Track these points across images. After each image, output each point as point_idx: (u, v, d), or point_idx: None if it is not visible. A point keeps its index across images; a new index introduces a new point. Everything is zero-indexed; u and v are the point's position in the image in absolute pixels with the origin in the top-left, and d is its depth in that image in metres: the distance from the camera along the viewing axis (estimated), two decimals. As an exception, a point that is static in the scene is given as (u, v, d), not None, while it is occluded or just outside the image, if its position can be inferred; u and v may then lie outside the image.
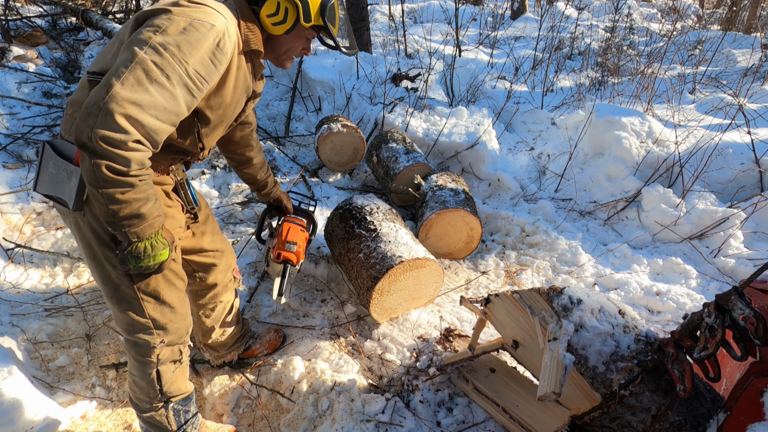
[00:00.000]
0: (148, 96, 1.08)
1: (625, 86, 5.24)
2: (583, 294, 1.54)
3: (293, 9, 1.38)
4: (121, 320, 1.46)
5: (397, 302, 2.28)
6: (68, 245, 3.17)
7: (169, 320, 1.50)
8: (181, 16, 1.14)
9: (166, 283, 1.46)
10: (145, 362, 1.54)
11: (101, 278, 1.42)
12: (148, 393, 1.61)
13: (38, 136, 4.30)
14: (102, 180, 1.07)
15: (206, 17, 1.17)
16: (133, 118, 1.06)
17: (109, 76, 1.06)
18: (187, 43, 1.12)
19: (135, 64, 1.06)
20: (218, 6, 1.24)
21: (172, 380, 1.63)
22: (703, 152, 3.27)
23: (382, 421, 1.83)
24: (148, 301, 1.43)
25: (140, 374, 1.57)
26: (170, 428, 1.68)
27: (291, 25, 1.40)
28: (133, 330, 1.47)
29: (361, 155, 3.88)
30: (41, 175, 1.32)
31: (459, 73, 5.48)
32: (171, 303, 1.48)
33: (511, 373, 1.98)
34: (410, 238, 2.34)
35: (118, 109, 1.03)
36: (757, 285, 1.53)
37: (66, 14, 6.99)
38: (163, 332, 1.50)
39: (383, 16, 9.77)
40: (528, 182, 3.81)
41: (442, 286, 2.39)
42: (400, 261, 2.10)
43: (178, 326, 1.54)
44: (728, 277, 2.72)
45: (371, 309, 2.19)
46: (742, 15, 9.80)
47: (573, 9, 10.24)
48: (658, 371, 1.43)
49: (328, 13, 1.42)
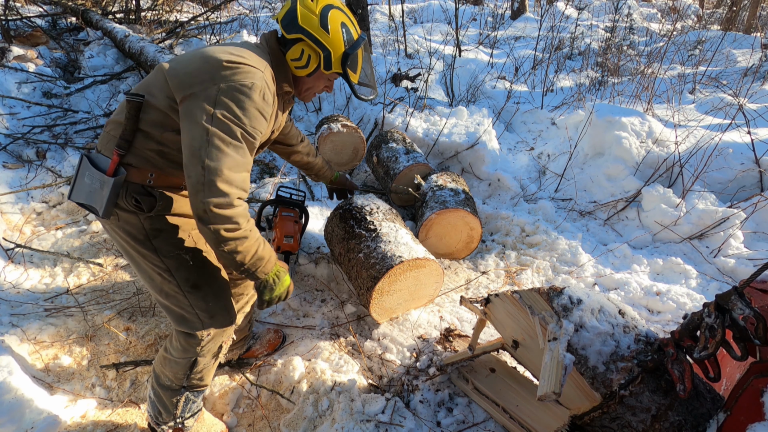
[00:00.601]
0: (230, 159, 1.28)
1: (625, 86, 5.24)
2: (583, 294, 1.54)
3: (316, 56, 1.49)
4: (170, 313, 1.56)
5: (397, 302, 2.28)
6: (68, 245, 3.17)
7: (214, 313, 1.57)
8: (228, 84, 1.29)
9: (206, 274, 1.55)
10: (189, 349, 1.60)
11: (144, 275, 1.54)
12: (176, 374, 1.66)
13: (38, 136, 4.30)
14: (223, 241, 1.29)
15: (247, 78, 1.31)
16: (228, 180, 1.26)
17: (195, 156, 1.26)
18: (240, 108, 1.29)
19: (210, 137, 1.26)
20: (255, 60, 1.37)
21: (202, 372, 1.70)
22: (703, 152, 3.27)
23: (382, 421, 1.83)
24: (191, 293, 1.52)
25: (178, 356, 1.63)
26: (174, 413, 1.73)
27: (312, 70, 1.51)
28: (182, 322, 1.55)
29: (361, 155, 3.88)
30: (77, 184, 1.45)
31: (459, 73, 5.48)
32: (214, 294, 1.57)
33: (511, 373, 1.98)
34: (410, 238, 2.34)
35: (216, 179, 1.24)
36: (757, 285, 1.53)
37: (66, 14, 6.98)
38: (209, 323, 1.57)
39: (383, 16, 9.76)
40: (528, 182, 3.81)
41: (442, 286, 2.39)
42: (400, 261, 2.10)
43: (223, 319, 1.61)
44: (728, 277, 2.72)
45: (371, 309, 2.19)
46: (742, 15, 9.80)
47: (573, 9, 10.24)
48: (658, 371, 1.43)
49: (350, 61, 1.52)
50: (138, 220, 1.44)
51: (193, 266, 1.52)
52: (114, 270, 2.94)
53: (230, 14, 8.41)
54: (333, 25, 1.46)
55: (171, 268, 1.48)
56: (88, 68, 5.58)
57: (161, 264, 1.49)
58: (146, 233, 1.45)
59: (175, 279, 1.50)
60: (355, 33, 1.53)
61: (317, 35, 1.46)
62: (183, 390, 1.71)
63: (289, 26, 1.47)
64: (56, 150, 4.20)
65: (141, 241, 1.46)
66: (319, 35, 1.46)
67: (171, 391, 1.71)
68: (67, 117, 4.70)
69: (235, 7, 9.49)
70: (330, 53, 1.48)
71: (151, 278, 1.53)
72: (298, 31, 1.46)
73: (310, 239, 3.00)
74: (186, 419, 1.80)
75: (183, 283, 1.51)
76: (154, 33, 6.37)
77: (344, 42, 1.49)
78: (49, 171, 3.91)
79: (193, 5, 9.53)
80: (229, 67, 1.31)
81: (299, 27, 1.45)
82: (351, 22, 1.53)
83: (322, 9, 1.45)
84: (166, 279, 1.50)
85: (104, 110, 4.84)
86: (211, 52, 1.36)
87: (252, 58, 1.37)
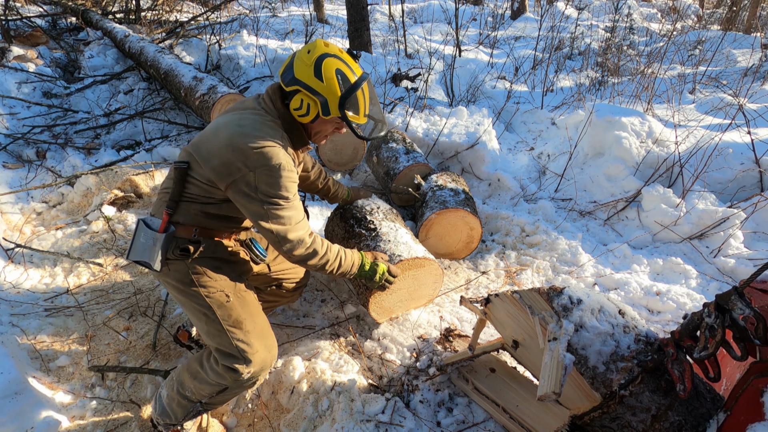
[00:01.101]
0: (287, 218, 1.57)
1: (625, 86, 5.24)
2: (583, 294, 1.54)
3: (314, 104, 1.59)
4: (215, 352, 1.71)
5: (397, 302, 2.28)
6: (68, 245, 3.18)
7: (255, 351, 1.70)
8: (260, 169, 1.50)
9: (246, 312, 1.72)
10: (225, 377, 1.69)
11: (193, 317, 1.72)
12: (201, 390, 1.74)
13: (38, 136, 4.30)
14: (314, 267, 1.71)
15: (272, 159, 1.51)
16: (293, 231, 1.60)
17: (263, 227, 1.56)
18: (275, 185, 1.53)
19: (267, 210, 1.54)
20: (271, 137, 1.54)
21: (226, 398, 1.80)
22: (703, 152, 3.27)
23: (382, 421, 1.83)
24: (232, 331, 1.67)
25: (212, 378, 1.71)
26: (180, 420, 1.81)
27: (313, 117, 1.62)
28: (226, 357, 1.68)
29: (361, 155, 3.88)
30: (133, 245, 1.65)
31: (459, 73, 5.47)
32: (254, 332, 1.72)
33: (511, 373, 1.98)
34: (410, 237, 2.34)
35: (286, 235, 1.58)
36: (757, 285, 1.53)
37: (66, 14, 6.99)
38: (251, 360, 1.69)
39: (383, 16, 9.76)
40: (528, 182, 3.81)
41: (441, 287, 2.39)
42: (399, 260, 2.10)
43: (264, 357, 1.74)
44: (728, 277, 2.72)
45: (370, 308, 2.19)
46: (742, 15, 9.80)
47: (573, 9, 10.23)
48: (658, 371, 1.43)
49: (349, 104, 1.60)
50: (184, 265, 1.64)
51: (233, 305, 1.69)
52: (114, 270, 2.94)
53: (230, 14, 8.41)
54: (327, 73, 1.55)
55: (213, 306, 1.66)
56: (88, 68, 5.58)
57: (205, 303, 1.66)
58: (191, 277, 1.65)
59: (217, 317, 1.67)
60: (352, 76, 1.60)
61: (312, 85, 1.56)
62: (199, 405, 1.79)
63: (287, 79, 1.60)
64: (56, 150, 4.21)
65: (187, 284, 1.65)
66: (314, 84, 1.56)
67: (187, 401, 1.77)
68: (67, 117, 4.70)
69: (235, 7, 9.50)
70: (326, 100, 1.58)
71: (198, 319, 1.70)
72: (295, 83, 1.58)
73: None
74: (185, 422, 1.84)
75: (225, 320, 1.67)
76: (154, 33, 6.37)
77: (340, 87, 1.57)
78: (49, 171, 3.91)
79: (193, 5, 9.53)
80: (256, 153, 1.50)
81: (296, 79, 1.57)
82: (348, 67, 1.60)
83: (317, 59, 1.55)
84: (210, 318, 1.67)
85: (104, 110, 4.84)
86: (237, 140, 1.51)
87: (269, 134, 1.54)
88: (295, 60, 1.59)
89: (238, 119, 1.59)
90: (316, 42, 1.60)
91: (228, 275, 1.72)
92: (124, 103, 4.96)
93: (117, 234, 3.26)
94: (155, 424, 1.88)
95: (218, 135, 1.57)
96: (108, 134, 4.54)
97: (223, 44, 6.18)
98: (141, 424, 1.98)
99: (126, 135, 4.58)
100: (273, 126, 1.59)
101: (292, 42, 6.93)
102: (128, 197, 3.60)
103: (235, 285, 1.74)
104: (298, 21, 9.01)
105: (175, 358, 2.30)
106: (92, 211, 3.44)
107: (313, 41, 1.62)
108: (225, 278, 1.71)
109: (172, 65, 4.50)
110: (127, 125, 4.64)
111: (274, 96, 1.64)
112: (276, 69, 5.52)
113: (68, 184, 3.66)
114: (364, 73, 1.64)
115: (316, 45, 1.59)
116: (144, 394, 2.11)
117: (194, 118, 4.80)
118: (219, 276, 1.69)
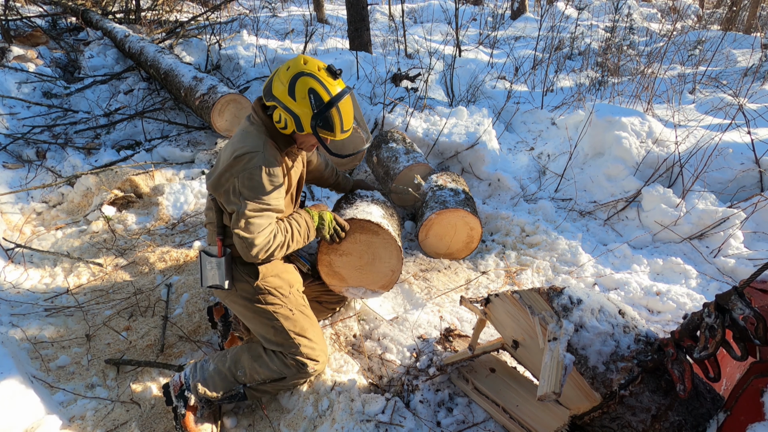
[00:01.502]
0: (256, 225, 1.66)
1: (625, 86, 5.24)
2: (583, 294, 1.54)
3: (291, 120, 1.67)
4: (285, 358, 1.85)
5: (349, 268, 2.17)
6: (68, 245, 3.18)
7: (320, 353, 1.90)
8: (241, 173, 1.62)
9: (309, 323, 1.91)
10: (290, 370, 1.85)
11: (261, 329, 1.86)
12: (256, 374, 1.86)
13: (38, 136, 4.30)
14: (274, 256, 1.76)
15: (251, 162, 1.62)
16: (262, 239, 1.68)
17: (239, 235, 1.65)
18: (254, 187, 1.63)
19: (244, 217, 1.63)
20: (252, 144, 1.65)
21: (273, 390, 1.93)
22: (703, 152, 3.27)
23: (382, 421, 1.83)
24: (300, 340, 1.85)
25: (276, 365, 1.85)
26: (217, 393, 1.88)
27: (291, 131, 1.72)
28: (292, 359, 1.85)
29: (361, 155, 3.88)
30: (203, 274, 1.83)
31: (459, 73, 5.47)
32: (316, 337, 1.91)
33: (511, 373, 1.98)
34: (379, 212, 2.25)
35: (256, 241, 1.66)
36: (757, 285, 1.53)
37: (66, 14, 6.99)
38: (318, 362, 1.89)
39: (383, 16, 9.76)
40: (528, 182, 3.81)
41: (400, 273, 2.23)
42: (352, 218, 2.07)
43: (325, 359, 1.95)
44: (728, 277, 2.72)
45: (320, 266, 2.13)
46: (742, 15, 9.79)
47: (573, 9, 10.23)
48: (658, 371, 1.43)
49: (322, 122, 1.67)
50: (250, 286, 1.80)
51: (298, 316, 1.87)
52: (114, 270, 2.94)
53: (230, 14, 8.41)
54: (300, 92, 1.63)
55: (281, 319, 1.83)
56: (88, 68, 5.58)
57: (272, 317, 1.82)
58: (258, 296, 1.82)
59: (285, 329, 1.83)
60: (326, 95, 1.64)
61: (286, 103, 1.65)
62: (241, 388, 1.88)
63: (266, 95, 1.71)
64: (56, 150, 4.21)
65: (255, 302, 1.82)
66: (288, 103, 1.65)
67: (234, 380, 1.86)
68: (67, 117, 4.70)
69: (235, 7, 9.50)
70: (299, 117, 1.66)
71: (266, 331, 1.85)
72: (273, 99, 1.68)
73: (310, 239, 3.00)
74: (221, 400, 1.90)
75: (292, 330, 1.84)
76: (154, 33, 6.37)
77: (312, 106, 1.64)
78: (49, 171, 3.91)
79: (193, 5, 9.53)
80: (237, 160, 1.63)
81: (273, 96, 1.67)
82: (323, 86, 1.64)
83: (292, 78, 1.63)
84: (278, 329, 1.83)
85: (104, 110, 4.84)
86: (227, 157, 1.67)
87: (250, 142, 1.66)
88: (275, 76, 1.68)
89: (231, 141, 1.73)
90: (296, 58, 1.67)
91: (288, 289, 1.88)
92: (124, 103, 4.96)
93: (117, 234, 3.26)
94: (180, 393, 1.89)
95: (219, 161, 1.73)
96: (108, 134, 4.54)
97: (223, 44, 6.18)
98: (141, 424, 1.98)
99: (126, 135, 4.58)
100: (256, 134, 1.70)
101: (292, 42, 6.94)
102: (128, 197, 3.60)
103: (296, 299, 1.90)
104: (298, 21, 9.01)
105: (176, 358, 2.30)
106: (92, 211, 3.44)
107: (295, 57, 1.69)
108: (287, 293, 1.87)
109: (172, 65, 4.50)
110: (127, 125, 4.64)
111: (257, 107, 1.75)
112: (274, 68, 5.52)
113: (68, 184, 3.66)
114: (342, 90, 1.68)
115: (295, 62, 1.66)
116: (144, 394, 2.11)
117: (194, 118, 4.80)
118: (281, 292, 1.85)
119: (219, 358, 1.93)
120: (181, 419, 1.86)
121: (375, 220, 2.11)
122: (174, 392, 1.90)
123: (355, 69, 5.24)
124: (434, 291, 2.67)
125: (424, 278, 2.77)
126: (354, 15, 5.57)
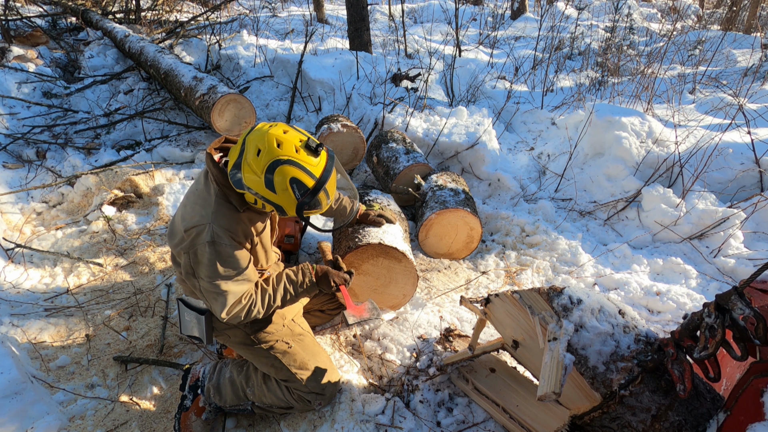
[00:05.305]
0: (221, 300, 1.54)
1: (625, 86, 5.24)
2: (583, 294, 1.53)
3: (270, 206, 1.50)
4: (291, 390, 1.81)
5: (364, 287, 2.26)
6: (68, 245, 3.17)
7: (325, 387, 1.82)
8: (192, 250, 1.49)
9: (309, 354, 1.83)
10: (296, 403, 1.81)
11: (263, 367, 1.82)
12: (263, 396, 1.82)
13: (38, 136, 4.30)
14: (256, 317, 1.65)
15: (198, 238, 1.47)
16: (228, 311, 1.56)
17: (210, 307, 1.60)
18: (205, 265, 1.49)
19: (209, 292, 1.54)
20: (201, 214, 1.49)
21: (278, 412, 1.88)
22: (703, 152, 3.27)
23: (382, 422, 1.83)
24: (301, 375, 1.79)
25: (284, 395, 1.81)
26: (225, 404, 1.88)
27: (270, 211, 1.60)
28: (299, 401, 1.82)
29: (361, 155, 3.88)
30: (182, 322, 1.77)
31: (459, 73, 5.47)
32: (319, 369, 1.82)
33: (511, 373, 1.98)
34: (402, 236, 2.35)
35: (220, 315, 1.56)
36: (757, 285, 1.52)
37: (66, 14, 6.99)
38: (320, 397, 1.83)
39: (383, 16, 9.76)
40: (528, 182, 3.81)
41: (412, 297, 2.35)
42: (379, 242, 2.14)
43: (332, 391, 1.87)
44: (728, 277, 2.72)
45: None
46: (742, 15, 9.79)
47: (573, 9, 10.22)
48: (658, 371, 1.43)
49: (309, 207, 1.49)
50: (241, 330, 1.75)
51: (295, 350, 1.80)
52: (114, 270, 2.94)
53: (230, 14, 8.41)
54: (279, 185, 1.40)
55: (278, 355, 1.77)
56: (88, 68, 5.58)
57: (270, 355, 1.77)
58: (251, 338, 1.76)
59: (284, 365, 1.77)
60: (310, 181, 1.43)
61: (265, 195, 1.44)
62: (249, 404, 1.86)
63: (237, 183, 1.47)
64: (56, 150, 4.21)
65: (250, 343, 1.77)
66: (267, 195, 1.44)
67: (244, 396, 1.84)
68: (67, 117, 4.70)
69: (235, 7, 9.49)
70: (282, 208, 1.48)
71: (267, 369, 1.81)
72: (246, 189, 1.46)
73: (310, 239, 3.00)
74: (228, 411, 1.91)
75: (292, 365, 1.78)
76: (154, 33, 6.37)
77: (296, 197, 1.44)
78: (49, 171, 3.91)
79: (193, 5, 9.53)
80: (187, 234, 1.50)
81: (246, 186, 1.45)
82: (304, 172, 1.41)
83: (267, 168, 1.38)
84: (278, 367, 1.78)
85: (104, 110, 4.84)
86: (177, 220, 1.57)
87: (198, 213, 1.50)
88: (243, 162, 1.41)
89: (185, 200, 1.61)
90: (266, 138, 1.39)
91: (281, 322, 1.82)
92: (124, 103, 4.96)
93: (117, 234, 3.26)
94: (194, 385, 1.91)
95: (174, 223, 1.61)
96: (108, 134, 4.54)
97: (223, 44, 6.18)
98: (141, 424, 1.98)
99: (126, 135, 4.58)
100: (206, 197, 1.52)
101: (292, 42, 6.93)
102: (128, 197, 3.60)
103: (292, 330, 1.84)
104: (298, 21, 9.01)
105: (176, 358, 2.30)
106: (92, 211, 3.44)
107: (264, 134, 1.40)
108: (280, 326, 1.81)
109: (172, 65, 4.50)
110: (127, 125, 4.64)
111: (209, 162, 1.53)
112: (276, 69, 5.52)
113: (68, 184, 3.66)
114: (326, 167, 1.47)
115: (267, 145, 1.38)
116: (144, 394, 2.11)
117: (194, 118, 4.80)
118: (274, 327, 1.79)
119: (236, 366, 1.91)
120: (182, 411, 1.88)
121: (401, 248, 2.20)
122: (190, 381, 1.92)
123: (355, 69, 5.24)
124: (434, 291, 2.66)
125: (424, 278, 2.77)
126: (354, 15, 5.57)
